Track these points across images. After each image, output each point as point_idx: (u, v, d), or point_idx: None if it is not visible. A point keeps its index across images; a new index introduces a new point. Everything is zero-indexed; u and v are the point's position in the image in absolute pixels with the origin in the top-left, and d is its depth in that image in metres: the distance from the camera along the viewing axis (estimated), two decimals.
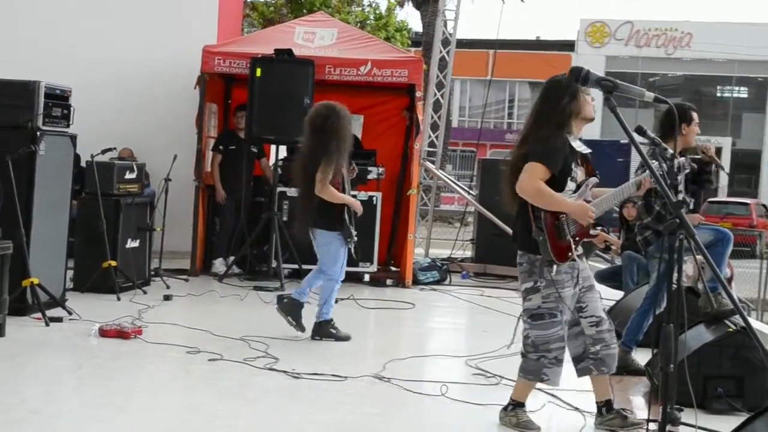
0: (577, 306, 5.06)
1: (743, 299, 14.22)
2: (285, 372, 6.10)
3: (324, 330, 7.38)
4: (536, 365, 5.02)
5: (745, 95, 47.19)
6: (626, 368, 6.54)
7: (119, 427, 4.89)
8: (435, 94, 13.60)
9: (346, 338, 7.41)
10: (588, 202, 4.96)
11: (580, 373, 5.20)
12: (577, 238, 4.93)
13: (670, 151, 6.27)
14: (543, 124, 4.95)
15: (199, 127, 10.79)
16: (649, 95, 2.56)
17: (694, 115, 6.66)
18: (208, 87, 10.86)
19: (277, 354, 6.54)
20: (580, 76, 2.35)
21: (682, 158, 5.89)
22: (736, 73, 45.61)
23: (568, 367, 5.15)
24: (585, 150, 5.07)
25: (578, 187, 5.01)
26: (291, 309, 7.39)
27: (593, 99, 5.03)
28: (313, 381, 5.95)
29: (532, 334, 5.00)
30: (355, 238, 7.33)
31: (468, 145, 39.73)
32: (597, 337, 5.06)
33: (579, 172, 5.03)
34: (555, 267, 4.86)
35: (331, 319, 7.41)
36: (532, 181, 4.82)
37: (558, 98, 4.91)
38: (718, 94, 47.56)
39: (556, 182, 4.87)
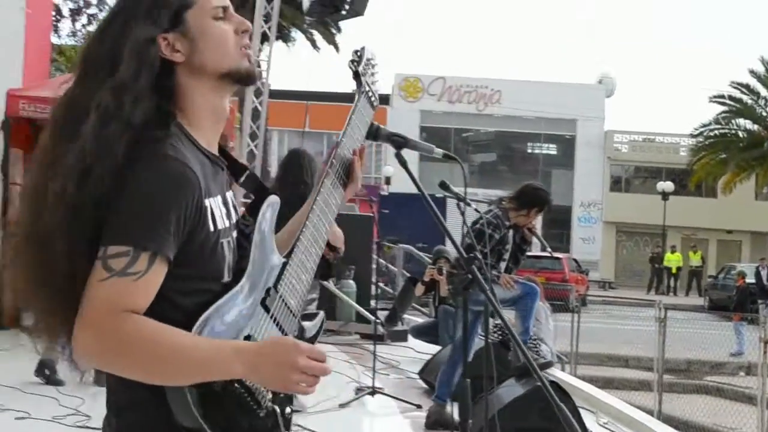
0: None
1: (558, 352, 14.57)
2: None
3: None
4: None
5: (554, 152, 48.99)
6: (442, 423, 6.50)
7: None
8: (248, 145, 13.48)
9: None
10: None
11: None
12: None
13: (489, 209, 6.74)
14: None
15: (4, 173, 10.34)
16: (438, 151, 2.59)
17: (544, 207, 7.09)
18: (12, 132, 10.39)
19: (91, 412, 6.09)
20: (371, 132, 2.35)
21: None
22: (543, 130, 47.41)
23: None
24: None
25: None
26: None
27: None
28: None
29: None
30: None
31: None
32: None
33: None
34: None
35: None
36: None
37: None
38: (529, 151, 49.19)
39: None
